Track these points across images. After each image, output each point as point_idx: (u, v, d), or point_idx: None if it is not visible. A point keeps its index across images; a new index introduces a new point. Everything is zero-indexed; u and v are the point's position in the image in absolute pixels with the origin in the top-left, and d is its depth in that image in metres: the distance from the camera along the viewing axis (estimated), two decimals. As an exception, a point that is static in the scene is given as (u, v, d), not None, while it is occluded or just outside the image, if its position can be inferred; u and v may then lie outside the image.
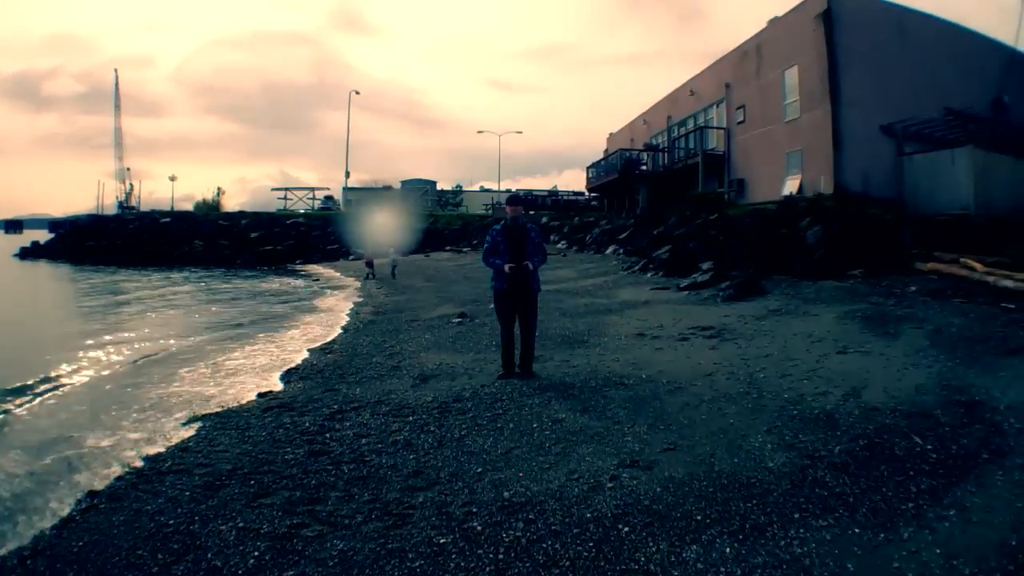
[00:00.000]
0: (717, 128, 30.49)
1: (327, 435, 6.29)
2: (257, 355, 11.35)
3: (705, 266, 16.67)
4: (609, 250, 26.98)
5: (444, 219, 50.55)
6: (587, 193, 51.36)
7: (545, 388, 7.48)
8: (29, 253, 49.91)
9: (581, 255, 28.53)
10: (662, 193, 34.12)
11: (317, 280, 29.13)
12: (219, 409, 7.61)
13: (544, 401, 7.00)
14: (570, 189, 59.43)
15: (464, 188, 68.08)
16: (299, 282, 29.17)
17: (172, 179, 69.39)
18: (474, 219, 50.70)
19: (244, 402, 7.90)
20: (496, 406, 6.93)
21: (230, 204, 59.02)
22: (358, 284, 24.97)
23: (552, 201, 56.18)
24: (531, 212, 52.62)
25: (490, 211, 53.32)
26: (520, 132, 62.89)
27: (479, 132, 69.00)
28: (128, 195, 67.44)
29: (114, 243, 45.77)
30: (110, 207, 62.44)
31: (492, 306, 8.39)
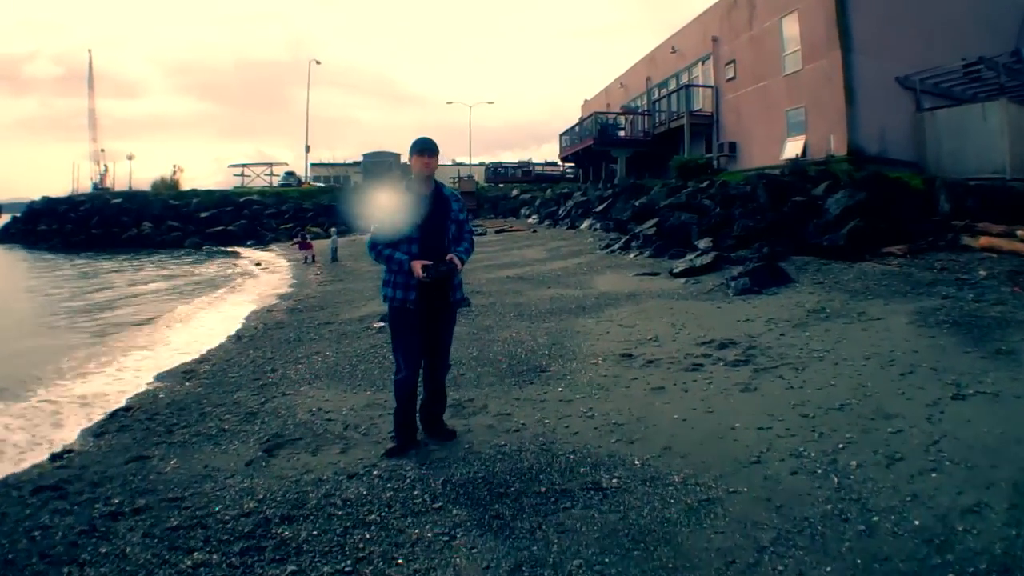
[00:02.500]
0: (703, 87, 27.30)
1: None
2: (94, 376, 8.53)
3: (702, 244, 13.42)
4: (584, 224, 23.80)
5: (410, 194, 46.31)
6: (561, 164, 48.07)
7: (456, 486, 4.12)
8: None
9: (553, 231, 25.36)
10: (642, 161, 30.96)
11: (258, 264, 25.18)
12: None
13: (444, 530, 3.60)
14: (548, 161, 55.67)
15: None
16: (240, 263, 26.08)
17: (129, 158, 64.90)
18: (441, 193, 46.77)
19: (20, 468, 5.27)
20: (351, 538, 3.58)
21: (207, 184, 54.64)
22: (297, 270, 21.38)
23: (523, 172, 52.55)
24: (501, 185, 49.22)
25: (456, 183, 49.70)
26: (492, 103, 59.10)
27: (448, 103, 65.50)
28: (103, 176, 63.18)
29: (64, 226, 42.15)
30: (86, 189, 58.09)
31: (384, 324, 5.07)
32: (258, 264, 25.28)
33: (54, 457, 5.43)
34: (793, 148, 20.69)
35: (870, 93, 18.43)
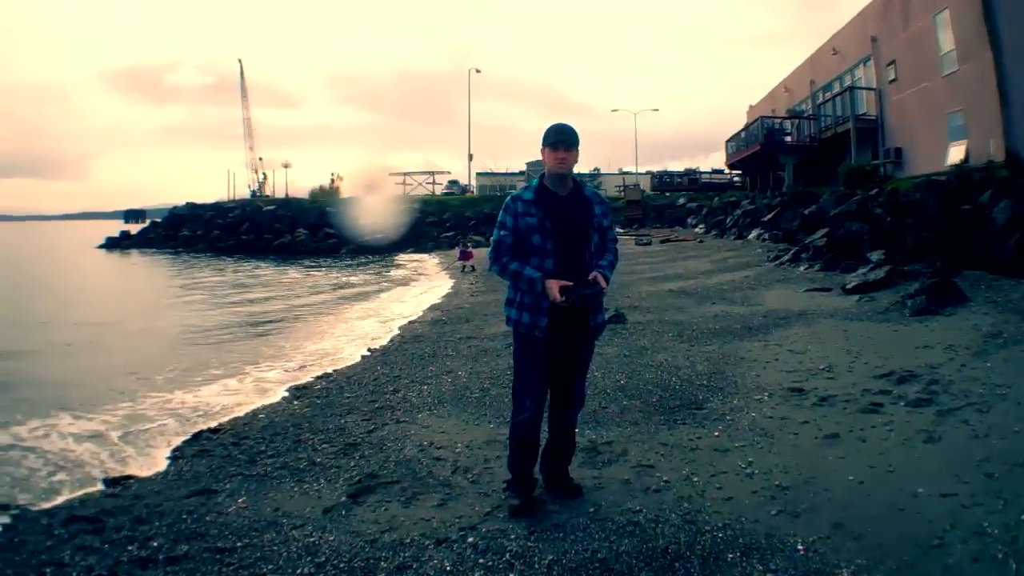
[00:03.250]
0: (867, 89, 25.34)
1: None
2: (204, 386, 8.19)
3: (874, 256, 12.19)
4: (752, 235, 22.68)
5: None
6: (727, 171, 45.83)
7: (566, 570, 3.24)
8: (116, 243, 47.19)
9: (720, 241, 24.17)
10: (809, 168, 29.24)
11: (413, 272, 25.22)
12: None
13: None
14: (714, 168, 53.17)
15: (603, 171, 63.10)
16: (394, 272, 25.87)
17: (286, 166, 66.60)
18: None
19: (70, 493, 4.83)
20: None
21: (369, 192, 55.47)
22: (455, 278, 20.82)
23: (689, 180, 50.46)
24: (667, 194, 47.49)
25: (622, 192, 48.32)
26: (656, 110, 57.28)
27: (613, 111, 64.15)
28: (261, 184, 65.02)
29: (210, 232, 43.54)
30: (244, 196, 60.20)
31: (511, 350, 4.20)
32: (413, 272, 25.32)
33: (109, 482, 4.94)
34: (956, 153, 18.87)
35: (1024, 95, 16.46)
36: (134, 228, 51.75)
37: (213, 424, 6.31)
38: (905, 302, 8.99)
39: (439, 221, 42.57)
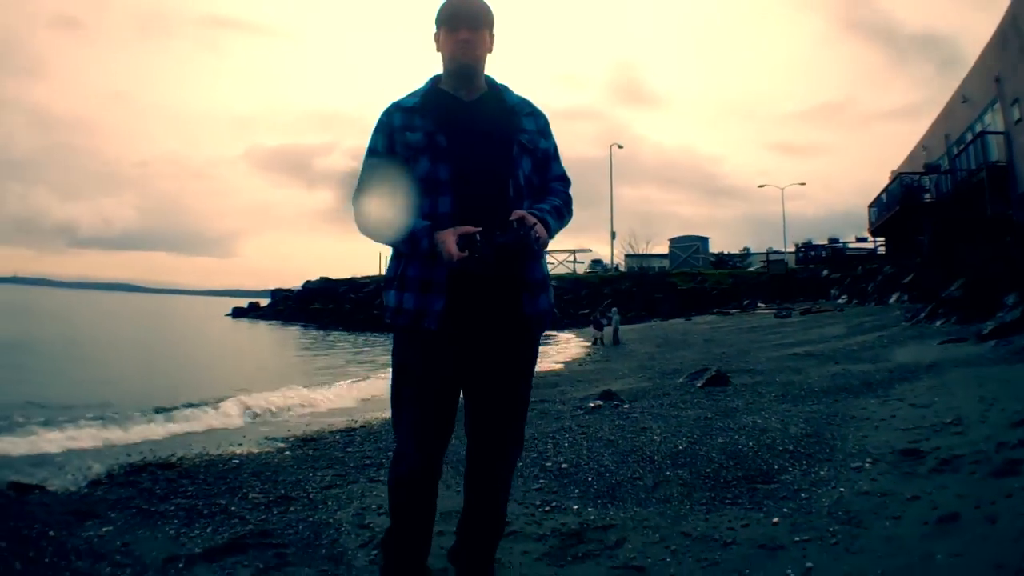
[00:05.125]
0: (996, 133, 22.54)
1: None
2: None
3: (1010, 300, 10.36)
4: (892, 298, 20.99)
5: (713, 279, 43.91)
6: (870, 238, 42.81)
7: None
8: (242, 313, 50.46)
9: (860, 308, 22.10)
10: (949, 224, 26.16)
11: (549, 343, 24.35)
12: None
13: None
14: (858, 236, 50.05)
15: (752, 250, 61.10)
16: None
17: None
18: (748, 275, 44.54)
19: None
20: None
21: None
22: (583, 348, 20.35)
23: (833, 252, 47.49)
24: (811, 267, 44.90)
25: (765, 267, 46.10)
26: (803, 184, 54.30)
27: (760, 186, 62.09)
28: None
29: (343, 306, 43.44)
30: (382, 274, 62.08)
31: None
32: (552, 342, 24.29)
33: (12, 486, 4.46)
34: None
35: None
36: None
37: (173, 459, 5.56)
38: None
39: (575, 299, 41.57)
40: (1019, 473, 3.58)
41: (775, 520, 3.47)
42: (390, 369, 2.57)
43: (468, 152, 2.41)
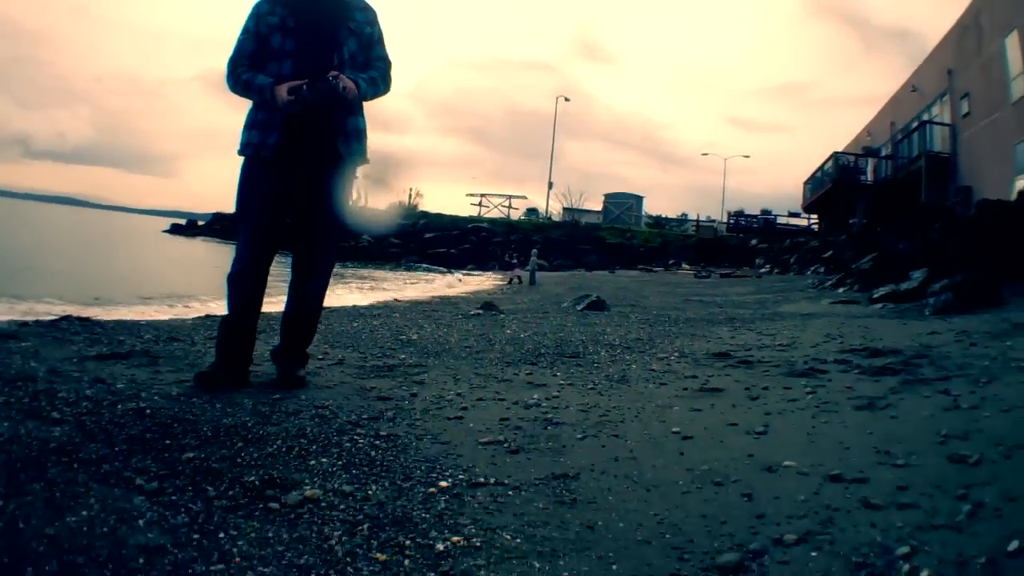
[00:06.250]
0: (941, 124, 22.99)
1: None
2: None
3: (916, 274, 10.32)
4: (810, 270, 20.93)
5: (642, 235, 44.41)
6: (804, 214, 43.53)
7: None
8: (180, 230, 52.92)
9: (777, 276, 22.30)
10: (882, 208, 26.56)
11: (459, 280, 24.35)
12: None
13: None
14: (791, 211, 50.69)
15: (690, 217, 61.32)
16: (443, 278, 25.11)
17: (365, 177, 67.59)
18: (676, 237, 44.72)
19: None
20: None
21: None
22: (497, 285, 20.53)
23: (765, 223, 48.05)
24: (740, 235, 45.49)
25: (694, 230, 46.61)
26: (747, 156, 54.39)
27: (703, 154, 62.15)
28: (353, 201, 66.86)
29: None
30: None
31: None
32: (459, 280, 24.42)
33: None
34: (1021, 186, 16.85)
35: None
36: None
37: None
38: (927, 302, 7.26)
39: (505, 242, 41.22)
40: (814, 376, 3.77)
41: (556, 373, 3.92)
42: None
43: (308, 31, 3.19)
